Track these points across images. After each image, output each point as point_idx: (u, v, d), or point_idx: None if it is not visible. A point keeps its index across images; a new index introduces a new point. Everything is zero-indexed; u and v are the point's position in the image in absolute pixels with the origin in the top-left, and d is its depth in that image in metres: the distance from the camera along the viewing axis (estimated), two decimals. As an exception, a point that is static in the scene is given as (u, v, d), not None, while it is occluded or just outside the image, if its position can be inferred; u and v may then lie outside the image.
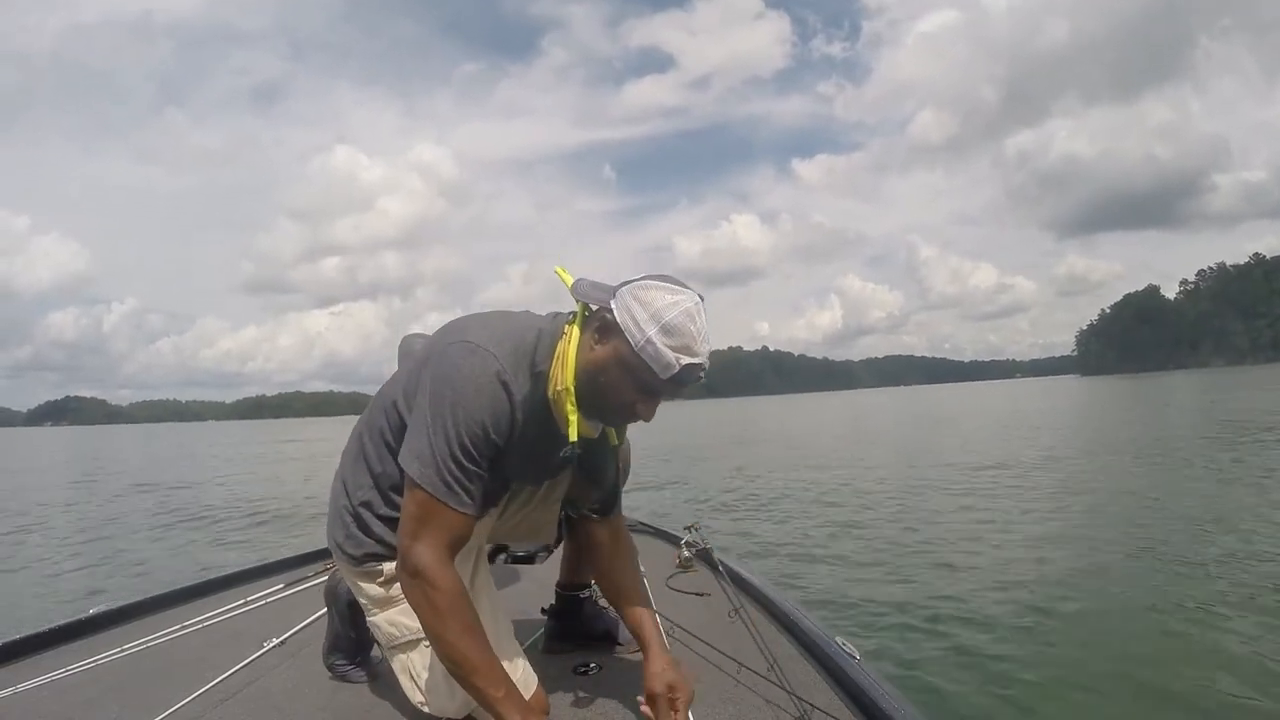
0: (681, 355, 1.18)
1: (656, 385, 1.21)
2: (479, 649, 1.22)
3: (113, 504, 12.16)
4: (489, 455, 1.24)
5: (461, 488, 1.22)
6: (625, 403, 1.25)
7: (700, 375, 1.22)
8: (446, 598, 1.20)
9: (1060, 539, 5.70)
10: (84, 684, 1.90)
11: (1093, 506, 7.10)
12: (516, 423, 1.25)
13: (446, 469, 1.20)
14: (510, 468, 1.33)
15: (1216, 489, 7.68)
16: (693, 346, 1.19)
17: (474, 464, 1.22)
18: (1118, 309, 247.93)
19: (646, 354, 1.18)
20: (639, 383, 1.22)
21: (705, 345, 1.21)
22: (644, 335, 1.17)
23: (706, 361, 1.22)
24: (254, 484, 15.13)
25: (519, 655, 1.41)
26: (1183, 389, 44.52)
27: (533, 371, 1.27)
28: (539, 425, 1.30)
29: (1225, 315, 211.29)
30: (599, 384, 1.24)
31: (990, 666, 3.30)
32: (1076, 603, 4.15)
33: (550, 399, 1.29)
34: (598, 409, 1.29)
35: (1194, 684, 3.07)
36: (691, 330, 1.18)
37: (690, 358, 1.19)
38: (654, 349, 1.17)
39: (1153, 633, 3.66)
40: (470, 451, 1.21)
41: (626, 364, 1.21)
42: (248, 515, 9.69)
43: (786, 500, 8.82)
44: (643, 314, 1.19)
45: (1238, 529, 5.76)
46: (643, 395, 1.24)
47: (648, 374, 1.19)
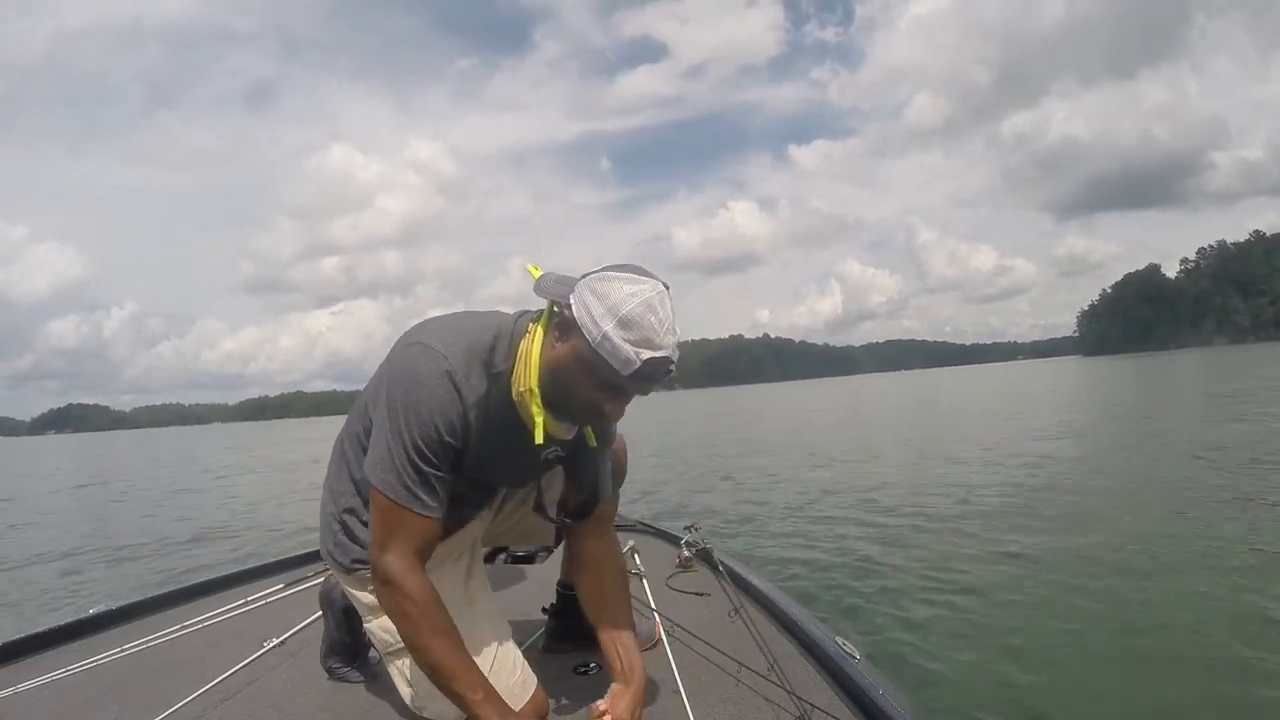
0: (642, 349, 1.10)
1: (619, 382, 1.14)
2: (454, 653, 1.21)
3: (117, 513, 12.13)
4: (446, 457, 1.22)
5: (423, 491, 1.20)
6: (590, 402, 1.19)
7: (669, 370, 1.16)
8: (418, 605, 1.20)
9: (1066, 533, 5.64)
10: (84, 684, 1.91)
11: (1099, 500, 6.98)
12: (470, 424, 1.22)
13: (405, 473, 1.19)
14: (481, 470, 1.31)
15: (1225, 474, 7.64)
16: (653, 340, 1.11)
17: (431, 466, 1.20)
18: (1118, 289, 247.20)
19: (604, 350, 1.11)
20: (600, 381, 1.15)
21: (669, 337, 1.13)
22: (600, 331, 1.11)
23: (672, 354, 1.14)
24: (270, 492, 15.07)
25: (518, 656, 1.41)
26: (1186, 368, 44.47)
27: (489, 372, 1.24)
28: (504, 426, 1.26)
29: (1226, 293, 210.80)
30: (562, 383, 1.19)
31: (991, 666, 3.30)
32: (1081, 601, 4.12)
33: (515, 400, 1.25)
34: (564, 409, 1.24)
35: (1200, 686, 3.04)
36: (651, 322, 1.11)
37: (651, 351, 1.11)
38: (611, 345, 1.10)
39: (1161, 632, 3.63)
40: (425, 454, 1.19)
41: (585, 362, 1.14)
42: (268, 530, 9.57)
43: (786, 496, 8.81)
44: (599, 308, 1.12)
45: (1254, 514, 5.73)
46: (607, 394, 1.17)
47: (608, 371, 1.12)
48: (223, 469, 19.76)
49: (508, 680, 1.34)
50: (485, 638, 1.38)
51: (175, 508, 11.42)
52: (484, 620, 1.40)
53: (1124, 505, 6.65)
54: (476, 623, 1.38)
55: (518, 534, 1.72)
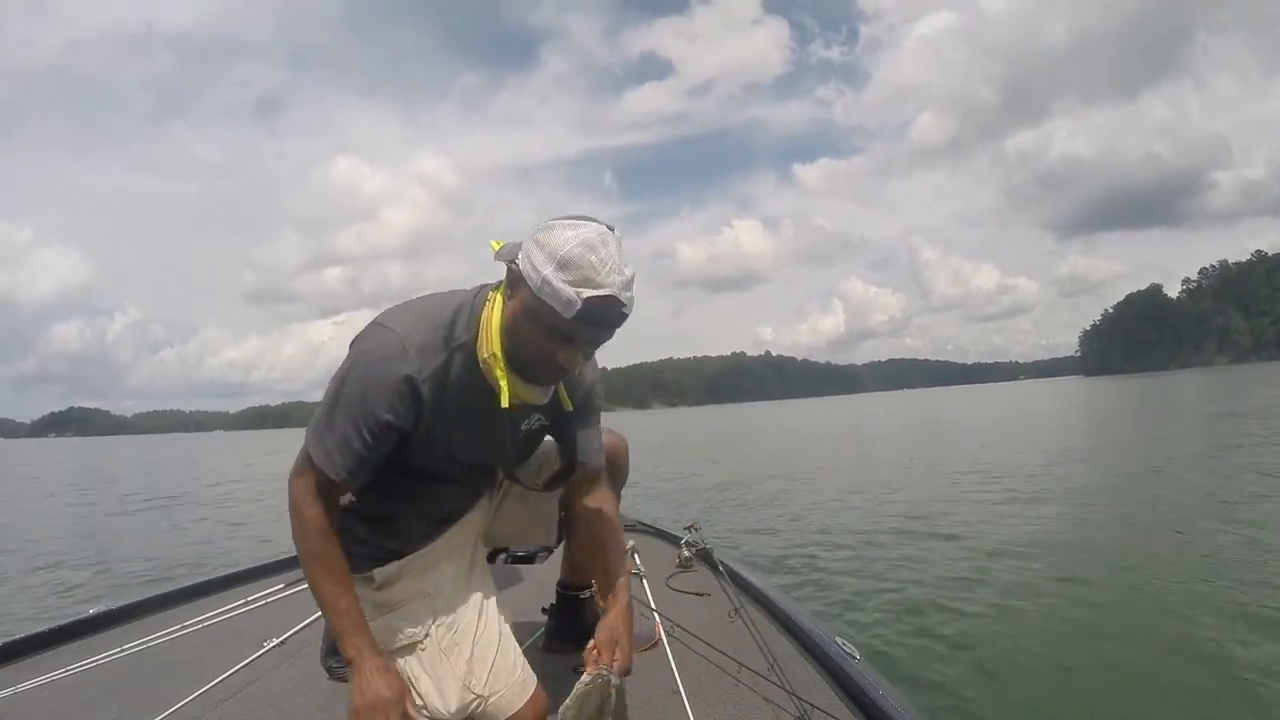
0: (582, 289, 1.07)
1: (565, 327, 1.11)
2: (328, 581, 1.23)
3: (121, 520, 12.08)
4: (375, 431, 1.20)
5: (335, 450, 1.20)
6: (544, 352, 1.17)
7: (621, 311, 1.13)
8: (304, 527, 1.23)
9: (1066, 543, 5.65)
10: (84, 684, 1.91)
11: (1098, 511, 7.01)
12: (424, 396, 1.21)
13: (322, 429, 1.21)
14: (456, 445, 1.31)
15: (1224, 492, 7.62)
16: (594, 278, 1.08)
17: (353, 432, 1.20)
18: (1120, 308, 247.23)
19: (546, 295, 1.09)
20: (548, 328, 1.13)
21: (613, 277, 1.09)
22: (540, 276, 1.09)
23: (619, 294, 1.10)
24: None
25: (519, 655, 1.40)
26: (1188, 388, 44.38)
27: (450, 345, 1.22)
28: (473, 397, 1.25)
29: (1228, 313, 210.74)
30: (517, 339, 1.18)
31: (991, 667, 3.29)
32: (1079, 605, 4.13)
33: (482, 368, 1.23)
34: (528, 369, 1.22)
35: (1194, 686, 3.05)
36: (591, 261, 1.08)
37: (592, 290, 1.08)
38: (551, 288, 1.08)
39: (1156, 634, 3.64)
40: (360, 430, 1.20)
41: (531, 311, 1.13)
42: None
43: (787, 504, 8.79)
44: (540, 255, 1.11)
45: (1253, 532, 5.71)
46: (558, 342, 1.15)
47: (552, 316, 1.10)
48: (223, 478, 19.61)
49: (507, 680, 1.33)
50: (487, 636, 1.37)
51: (164, 519, 11.36)
52: (484, 619, 1.40)
53: (1121, 520, 6.62)
54: (477, 621, 1.38)
55: (519, 533, 1.72)
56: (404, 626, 1.34)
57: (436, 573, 1.39)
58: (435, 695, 1.30)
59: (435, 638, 1.33)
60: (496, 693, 1.31)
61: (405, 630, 1.34)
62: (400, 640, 1.34)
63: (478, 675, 1.30)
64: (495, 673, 1.33)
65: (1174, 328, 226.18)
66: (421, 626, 1.33)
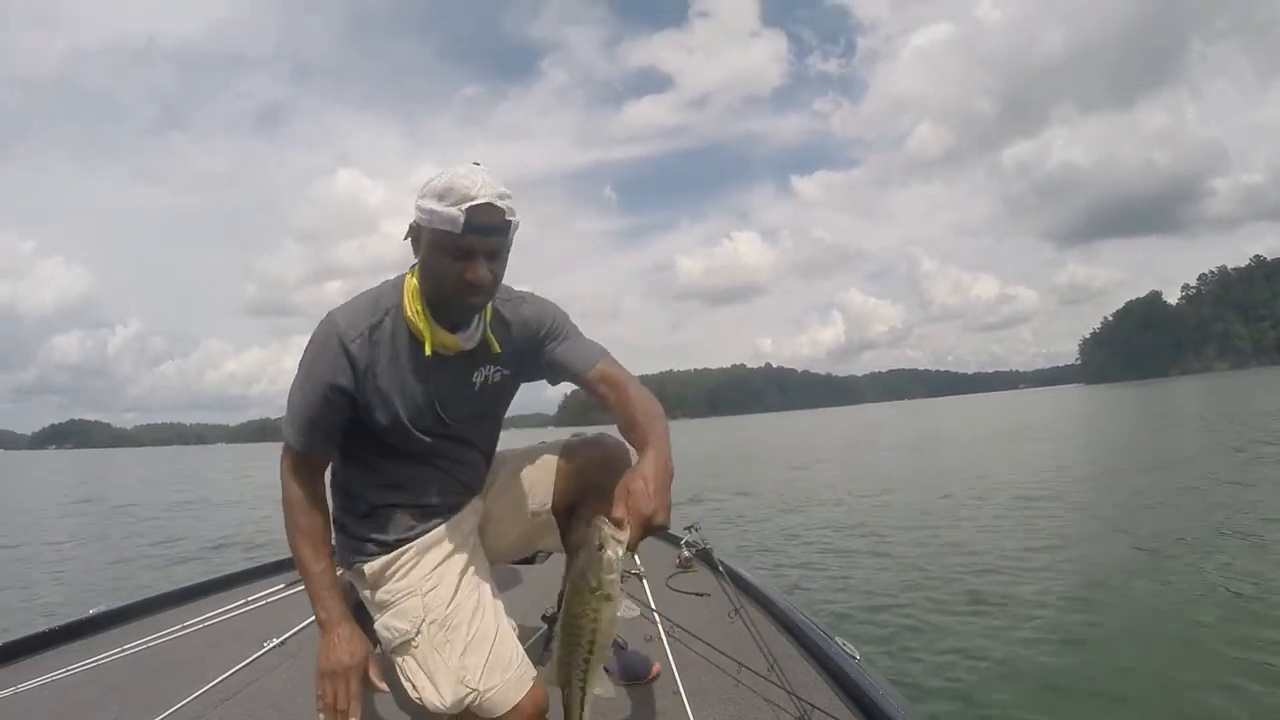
0: (462, 204, 1.23)
1: (461, 243, 1.25)
2: (301, 545, 1.37)
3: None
4: (318, 393, 1.32)
5: (298, 427, 1.36)
6: (453, 276, 1.28)
7: (503, 217, 1.27)
8: (286, 504, 1.39)
9: (1065, 548, 5.64)
10: (84, 684, 1.91)
11: (1097, 517, 7.00)
12: (353, 353, 1.32)
13: (291, 415, 1.36)
14: (403, 405, 1.37)
15: (1226, 498, 7.60)
16: (469, 193, 1.23)
17: (301, 400, 1.34)
18: (1120, 316, 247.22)
19: (436, 223, 1.25)
20: (448, 249, 1.26)
21: (486, 190, 1.24)
22: (428, 210, 1.25)
23: (495, 200, 1.25)
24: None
25: (517, 651, 1.37)
26: (1189, 395, 44.34)
27: (378, 311, 1.36)
28: (407, 353, 1.37)
29: (1228, 319, 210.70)
30: (429, 280, 1.32)
31: (990, 667, 3.29)
32: (1078, 607, 4.13)
33: (409, 328, 1.36)
34: (443, 302, 1.34)
35: (1193, 691, 3.04)
36: (463, 184, 1.24)
37: (470, 202, 1.23)
38: (439, 215, 1.24)
39: (1154, 640, 3.63)
40: (309, 397, 1.33)
41: (432, 245, 1.28)
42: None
43: (788, 509, 8.78)
44: (424, 200, 1.27)
45: (1254, 539, 5.70)
46: (460, 260, 1.27)
47: (447, 238, 1.25)
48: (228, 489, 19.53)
49: (503, 674, 1.32)
50: (483, 631, 1.35)
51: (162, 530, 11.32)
52: (480, 613, 1.38)
53: (1119, 527, 6.60)
54: (472, 616, 1.37)
55: (519, 546, 1.68)
56: (397, 624, 1.35)
57: (425, 569, 1.40)
58: (430, 690, 1.30)
59: (427, 635, 1.33)
60: (493, 687, 1.29)
61: (398, 628, 1.35)
62: (395, 639, 1.35)
63: (472, 669, 1.30)
64: (491, 667, 1.31)
65: (1174, 334, 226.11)
66: (413, 624, 1.34)
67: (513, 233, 1.33)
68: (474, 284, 1.29)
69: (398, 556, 1.41)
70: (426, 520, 1.45)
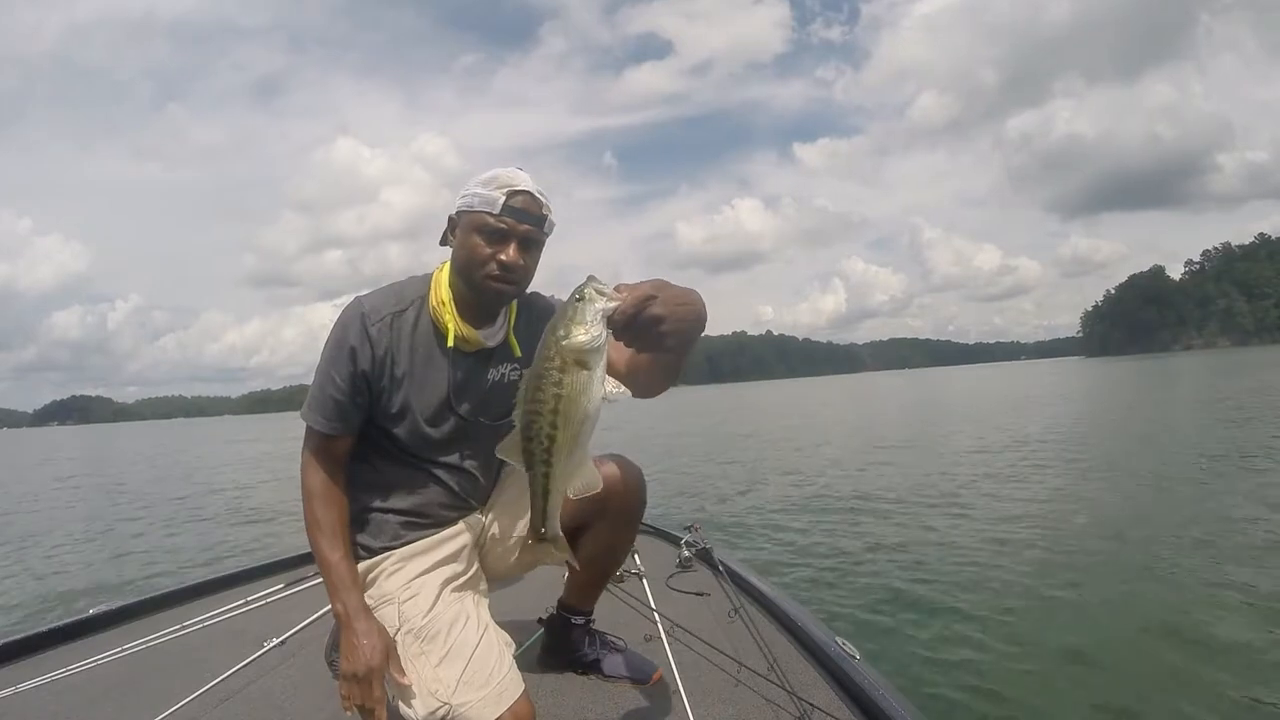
0: (503, 189, 1.31)
1: (496, 225, 1.32)
2: (319, 538, 1.36)
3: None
4: (343, 374, 1.34)
5: (320, 409, 1.36)
6: (484, 259, 1.33)
7: (542, 212, 1.35)
8: (306, 493, 1.38)
9: (1069, 545, 5.59)
10: (84, 684, 1.91)
11: (1103, 504, 6.93)
12: (372, 336, 1.34)
13: (313, 397, 1.37)
14: (416, 397, 1.39)
15: (1228, 479, 7.60)
16: (512, 182, 1.32)
17: (326, 382, 1.35)
18: (1122, 290, 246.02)
19: (475, 204, 1.32)
20: (484, 232, 1.32)
21: (529, 184, 1.33)
22: (470, 194, 1.33)
23: (535, 191, 1.33)
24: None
25: (500, 664, 1.32)
26: (1192, 370, 44.27)
27: (404, 300, 1.39)
28: (428, 344, 1.40)
29: (1231, 295, 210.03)
30: (462, 262, 1.36)
31: (991, 667, 3.29)
32: (1081, 604, 4.12)
33: (433, 319, 1.39)
34: (473, 287, 1.36)
35: (1200, 685, 3.04)
36: (507, 174, 1.33)
37: (512, 187, 1.31)
38: (479, 197, 1.32)
39: (1161, 634, 3.62)
40: (332, 377, 1.35)
41: (467, 226, 1.34)
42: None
43: (786, 496, 8.79)
44: (469, 187, 1.35)
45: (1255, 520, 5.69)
46: (493, 243, 1.33)
47: (484, 218, 1.32)
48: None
49: (480, 689, 1.27)
50: (461, 643, 1.32)
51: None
52: (462, 625, 1.35)
53: (1122, 508, 6.64)
54: (450, 627, 1.34)
55: (523, 565, 1.64)
56: None
57: (405, 578, 1.39)
58: (404, 694, 1.28)
59: (401, 645, 1.32)
60: (467, 702, 1.25)
61: None
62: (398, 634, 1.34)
63: (446, 682, 1.26)
64: (467, 681, 1.27)
65: (1176, 309, 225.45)
66: (389, 631, 1.32)
67: (548, 231, 1.39)
68: (506, 265, 1.33)
69: (379, 561, 1.40)
70: (415, 530, 1.44)
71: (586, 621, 1.83)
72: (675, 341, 1.04)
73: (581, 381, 0.96)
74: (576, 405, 0.97)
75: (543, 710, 1.57)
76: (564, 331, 0.95)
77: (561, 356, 0.95)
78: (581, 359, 0.95)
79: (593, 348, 0.95)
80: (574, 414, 0.97)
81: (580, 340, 0.94)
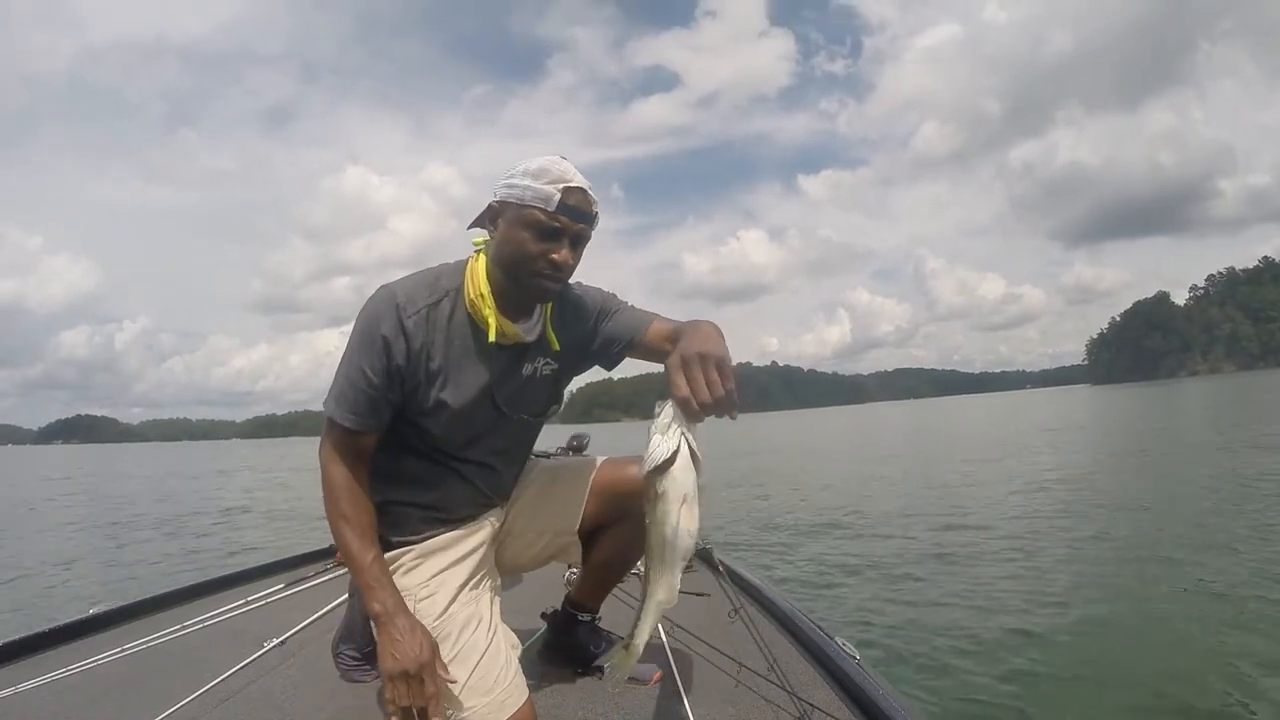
0: (558, 184, 1.25)
1: (551, 223, 1.26)
2: (351, 538, 1.29)
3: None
4: (380, 370, 1.28)
5: (346, 402, 1.29)
6: (534, 256, 1.28)
7: (592, 208, 1.30)
8: (330, 488, 1.32)
9: (1069, 547, 5.63)
10: (84, 684, 1.91)
11: (1102, 517, 6.95)
12: (408, 330, 1.28)
13: (340, 390, 1.30)
14: (448, 389, 1.34)
15: (1232, 501, 7.53)
16: (566, 176, 1.26)
17: (355, 373, 1.28)
18: (1127, 316, 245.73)
19: (526, 198, 1.25)
20: (536, 230, 1.26)
21: (580, 179, 1.28)
22: (521, 185, 1.26)
23: (588, 189, 1.29)
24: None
25: (506, 670, 1.34)
26: (1199, 396, 44.03)
27: (438, 291, 1.33)
28: (463, 338, 1.34)
29: (1236, 320, 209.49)
30: (507, 257, 1.30)
31: (990, 667, 3.28)
32: (1079, 608, 4.11)
33: (469, 312, 1.34)
34: (518, 283, 1.31)
35: (1196, 692, 3.02)
36: (560, 168, 1.27)
37: (566, 183, 1.25)
38: (532, 190, 1.25)
39: (1157, 641, 3.62)
40: (363, 370, 1.28)
41: (517, 220, 1.27)
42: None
43: (789, 506, 8.77)
44: (516, 178, 1.28)
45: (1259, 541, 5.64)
46: (546, 241, 1.27)
47: (538, 216, 1.25)
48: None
49: (484, 695, 1.28)
50: (469, 648, 1.32)
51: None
52: (471, 629, 1.35)
53: (1121, 525, 6.59)
54: (459, 631, 1.33)
55: (536, 561, 1.66)
56: None
57: (424, 575, 1.37)
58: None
59: None
60: (470, 707, 1.26)
61: None
62: None
63: (450, 687, 1.26)
64: (472, 687, 1.28)
65: (1181, 335, 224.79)
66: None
67: (594, 227, 1.34)
68: (558, 264, 1.28)
69: (398, 556, 1.38)
70: (436, 525, 1.42)
71: (593, 619, 1.83)
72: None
73: (659, 511, 1.05)
74: (654, 532, 1.08)
75: (543, 709, 1.56)
76: (657, 471, 1.04)
77: (658, 494, 1.05)
78: (653, 487, 1.04)
79: (684, 482, 1.05)
80: (661, 538, 1.08)
81: (672, 482, 1.04)
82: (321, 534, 2.10)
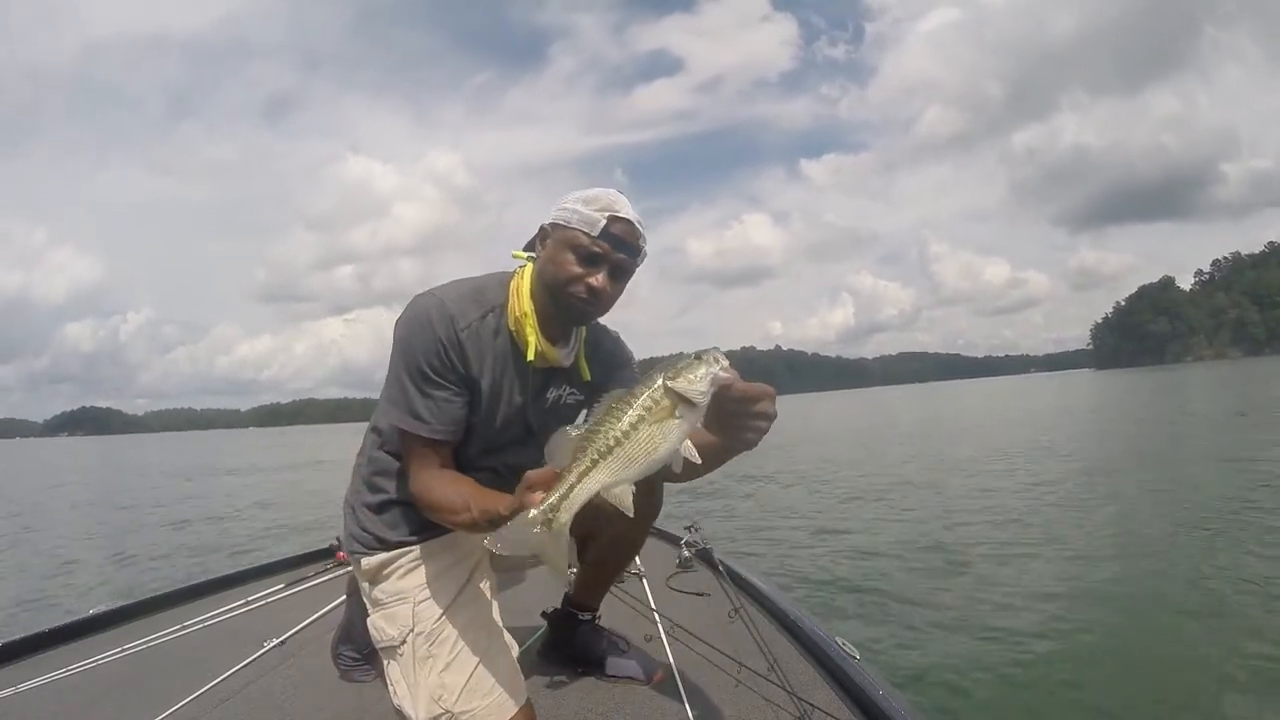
0: (605, 212, 1.27)
1: (592, 248, 1.27)
2: (466, 521, 1.22)
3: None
4: (446, 371, 1.28)
5: (422, 408, 1.28)
6: (574, 279, 1.28)
7: (638, 240, 1.32)
8: (433, 506, 1.28)
9: (1071, 545, 5.57)
10: (84, 684, 1.92)
11: (1105, 512, 6.89)
12: (462, 343, 1.28)
13: (398, 402, 1.29)
14: (489, 409, 1.34)
15: (1238, 489, 7.49)
16: (615, 207, 1.28)
17: (431, 383, 1.28)
18: (1132, 301, 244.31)
19: (574, 222, 1.28)
20: (578, 252, 1.28)
21: (630, 211, 1.30)
22: (570, 209, 1.29)
23: (636, 222, 1.30)
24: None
25: (506, 672, 1.34)
26: (1205, 381, 43.88)
27: (481, 306, 1.33)
28: (503, 355, 1.35)
29: (1242, 305, 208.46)
30: (549, 277, 1.31)
31: (990, 667, 3.26)
32: (1082, 605, 4.08)
33: (512, 330, 1.34)
34: (556, 304, 1.32)
35: (1198, 690, 3.01)
36: (610, 197, 1.30)
37: (613, 212, 1.28)
38: (579, 215, 1.28)
39: (1162, 638, 3.60)
40: (426, 373, 1.27)
41: (561, 241, 1.30)
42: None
43: (789, 504, 8.77)
44: (568, 202, 1.31)
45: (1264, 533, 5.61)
46: (585, 265, 1.28)
47: (580, 239, 1.27)
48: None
49: (484, 698, 1.29)
50: (469, 650, 1.32)
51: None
52: (471, 631, 1.35)
53: (1125, 519, 6.54)
54: (461, 633, 1.33)
55: (529, 561, 1.63)
56: (386, 629, 1.33)
57: (423, 577, 1.37)
58: (409, 702, 1.28)
59: (412, 646, 1.30)
60: (468, 711, 1.26)
61: (386, 632, 1.33)
62: (382, 641, 1.34)
63: (450, 689, 1.27)
64: (471, 689, 1.28)
65: (1186, 320, 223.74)
66: (400, 632, 1.31)
67: (640, 261, 1.35)
68: (594, 290, 1.29)
69: (397, 557, 1.37)
70: (436, 527, 1.40)
71: (593, 618, 1.84)
72: (750, 441, 1.07)
73: (666, 426, 0.97)
74: (650, 440, 0.97)
75: (543, 710, 1.57)
76: (674, 374, 0.97)
77: (662, 392, 0.97)
78: (677, 401, 0.96)
79: (691, 398, 0.96)
80: (641, 446, 0.97)
81: (683, 385, 0.96)
82: (322, 534, 2.09)
